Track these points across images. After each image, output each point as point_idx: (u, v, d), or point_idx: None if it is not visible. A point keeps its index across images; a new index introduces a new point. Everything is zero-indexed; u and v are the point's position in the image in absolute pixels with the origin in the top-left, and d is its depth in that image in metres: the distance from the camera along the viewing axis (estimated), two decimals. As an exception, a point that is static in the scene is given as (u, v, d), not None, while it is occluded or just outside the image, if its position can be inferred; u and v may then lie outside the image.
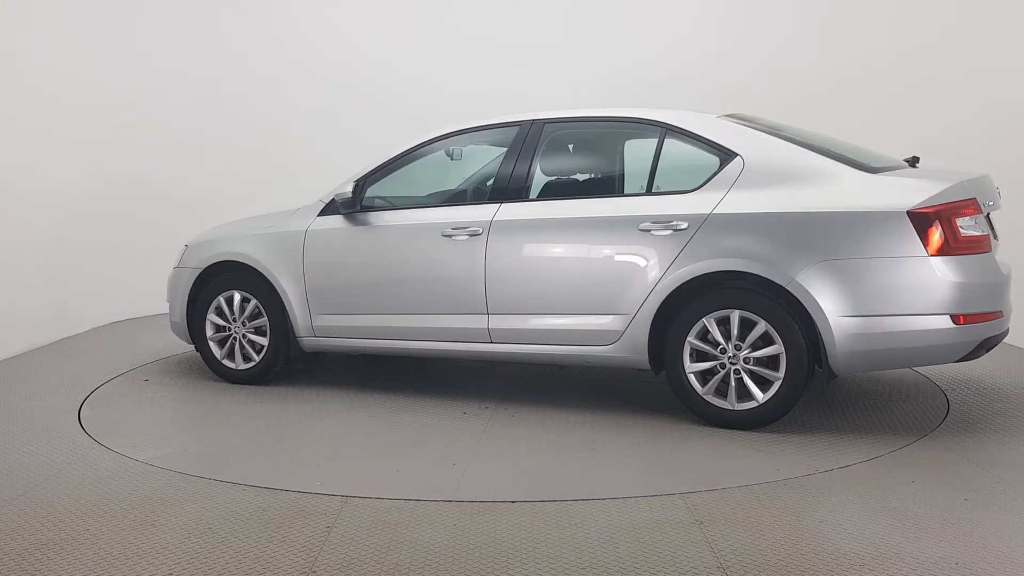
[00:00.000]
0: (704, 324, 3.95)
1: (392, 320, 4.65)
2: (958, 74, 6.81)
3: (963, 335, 3.71)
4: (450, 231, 4.45)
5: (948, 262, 3.66)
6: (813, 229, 3.80)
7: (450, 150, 4.83)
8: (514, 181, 4.44)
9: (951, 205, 3.70)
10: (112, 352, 6.06)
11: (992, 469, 3.43)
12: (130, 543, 2.85)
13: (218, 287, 5.10)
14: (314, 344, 4.91)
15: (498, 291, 4.37)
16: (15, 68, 6.24)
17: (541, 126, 4.52)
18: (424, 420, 4.29)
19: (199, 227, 7.83)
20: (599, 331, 4.17)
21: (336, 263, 4.78)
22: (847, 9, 7.41)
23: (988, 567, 2.59)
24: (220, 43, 7.83)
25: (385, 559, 2.70)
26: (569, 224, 4.27)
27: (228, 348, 5.07)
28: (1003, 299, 3.88)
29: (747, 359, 3.89)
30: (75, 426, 4.27)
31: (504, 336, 4.39)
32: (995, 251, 4.01)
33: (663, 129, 4.24)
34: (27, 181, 6.32)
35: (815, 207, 3.81)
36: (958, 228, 3.70)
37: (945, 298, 3.65)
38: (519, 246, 4.35)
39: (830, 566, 2.60)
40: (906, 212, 3.66)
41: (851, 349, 3.74)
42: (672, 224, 4.01)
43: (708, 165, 4.09)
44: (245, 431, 4.17)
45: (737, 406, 3.93)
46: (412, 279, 4.58)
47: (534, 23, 7.95)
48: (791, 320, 3.80)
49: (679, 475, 3.43)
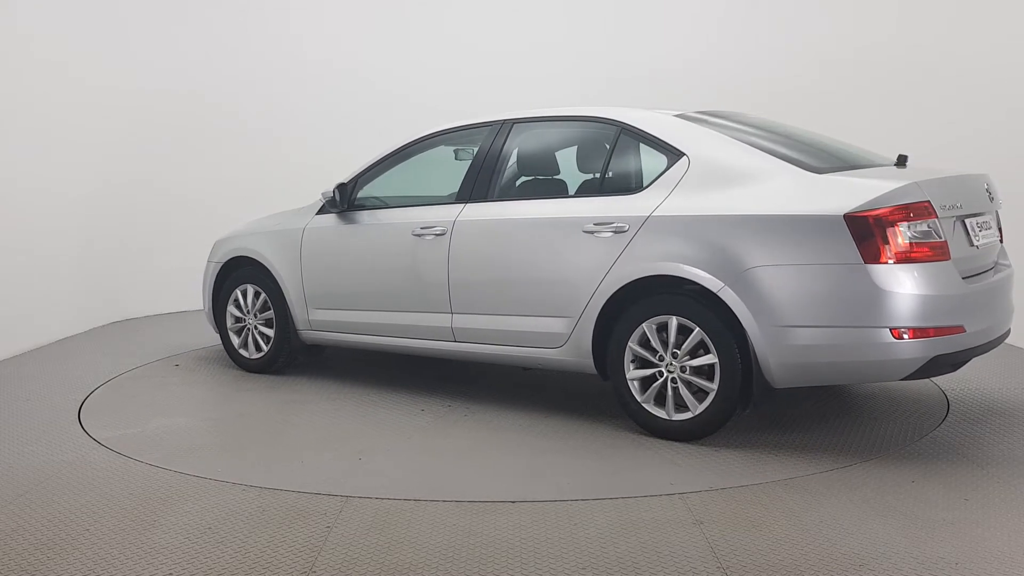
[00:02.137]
0: (644, 330, 3.81)
1: (373, 317, 4.81)
2: (960, 71, 6.81)
3: (906, 351, 3.38)
4: (420, 231, 4.54)
5: (888, 271, 3.34)
6: (745, 233, 3.58)
7: (456, 150, 4.84)
8: (479, 181, 4.48)
9: (896, 209, 3.38)
10: (112, 352, 6.06)
11: (992, 469, 3.43)
12: (130, 543, 2.85)
13: (236, 281, 5.43)
14: (311, 337, 5.13)
15: (460, 291, 4.42)
16: (15, 68, 6.24)
17: (510, 126, 4.52)
18: (381, 415, 4.37)
19: (199, 227, 7.86)
20: (548, 334, 4.13)
21: (326, 260, 4.99)
22: (848, 7, 7.42)
23: (988, 567, 2.59)
24: (221, 44, 7.83)
25: (385, 559, 2.70)
26: (521, 225, 4.26)
27: (243, 338, 5.40)
28: (965, 312, 3.50)
29: (683, 368, 3.72)
30: (75, 426, 4.27)
31: (466, 335, 4.45)
32: (988, 255, 3.83)
33: (618, 128, 4.13)
34: (27, 181, 6.31)
35: (748, 210, 3.59)
36: (900, 234, 3.37)
37: (884, 310, 3.34)
38: (478, 246, 4.38)
39: (830, 566, 2.60)
40: (843, 216, 3.39)
41: (785, 361, 3.51)
42: (613, 226, 3.89)
43: (657, 165, 3.96)
44: (245, 431, 4.17)
45: (674, 416, 3.78)
46: (389, 277, 4.72)
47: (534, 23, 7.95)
48: (724, 329, 3.60)
49: (679, 475, 3.42)
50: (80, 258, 6.97)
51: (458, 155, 4.91)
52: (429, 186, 5.13)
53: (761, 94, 7.25)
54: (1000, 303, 3.84)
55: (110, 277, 7.37)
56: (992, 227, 3.93)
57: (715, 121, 4.15)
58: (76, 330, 6.86)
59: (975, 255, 3.72)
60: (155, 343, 6.34)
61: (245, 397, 4.79)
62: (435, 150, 4.89)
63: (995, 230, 3.98)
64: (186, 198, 7.84)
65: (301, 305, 5.08)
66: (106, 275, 7.31)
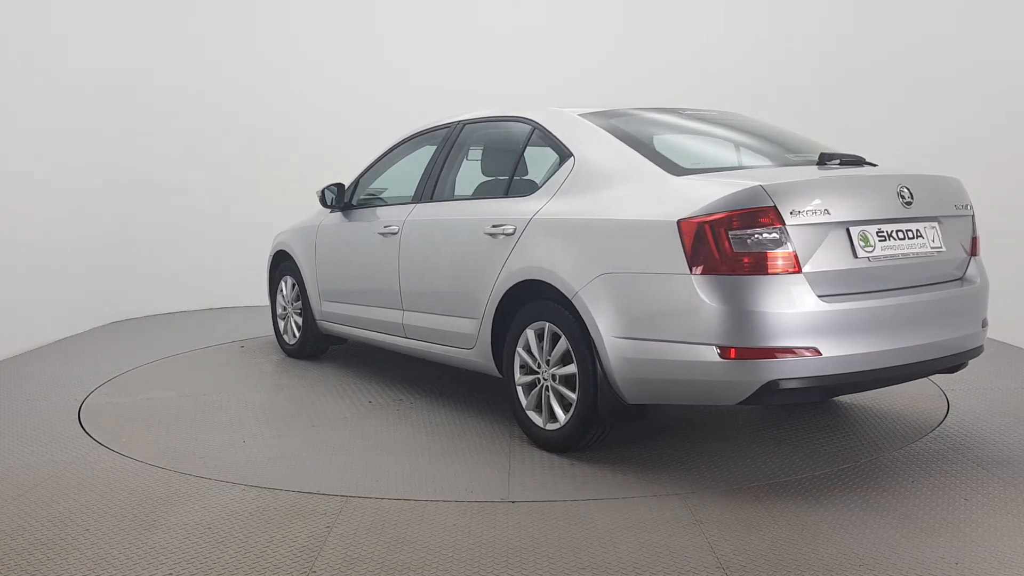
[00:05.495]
0: (527, 335, 3.73)
1: (356, 311, 5.05)
2: (960, 71, 6.81)
3: (734, 373, 3.02)
4: (383, 229, 4.73)
5: (717, 283, 3.02)
6: (598, 239, 3.42)
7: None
8: (428, 182, 4.58)
9: (731, 215, 3.03)
10: (112, 352, 6.06)
11: (992, 469, 3.43)
12: (130, 543, 2.85)
13: (282, 272, 5.89)
14: (324, 327, 5.43)
15: (407, 289, 4.55)
16: (15, 68, 6.24)
17: (461, 127, 4.58)
18: (342, 410, 4.42)
19: (198, 227, 7.89)
20: (463, 334, 4.15)
21: (331, 256, 5.28)
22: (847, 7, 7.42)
23: (988, 567, 2.58)
24: (221, 45, 7.85)
25: (385, 559, 2.70)
26: (443, 225, 4.34)
27: (285, 325, 5.86)
28: (825, 332, 3.04)
29: (554, 376, 3.61)
30: (75, 426, 4.27)
31: (413, 332, 4.55)
32: (907, 267, 3.31)
33: (532, 128, 4.06)
34: (27, 182, 6.32)
35: (602, 214, 3.44)
36: (732, 242, 3.02)
37: (709, 326, 3.02)
38: (419, 246, 4.48)
39: (830, 566, 2.60)
40: (676, 222, 3.12)
41: (626, 375, 3.29)
42: (504, 228, 3.85)
43: (554, 166, 3.87)
44: (245, 430, 4.17)
45: (547, 426, 3.67)
46: (363, 273, 4.95)
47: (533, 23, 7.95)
48: (580, 338, 3.42)
49: (679, 475, 3.43)
50: (80, 258, 6.98)
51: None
52: (412, 186, 5.17)
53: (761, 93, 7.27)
54: (931, 321, 3.34)
55: (110, 277, 7.37)
56: (925, 236, 3.39)
57: (623, 118, 3.95)
58: (76, 330, 6.86)
59: (872, 268, 3.21)
60: (155, 343, 6.34)
61: (247, 397, 4.79)
62: (422, 150, 4.94)
63: (935, 240, 3.42)
64: (186, 198, 7.85)
65: (316, 297, 5.41)
66: (106, 275, 7.31)
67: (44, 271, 6.48)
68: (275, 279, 5.96)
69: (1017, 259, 5.98)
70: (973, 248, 3.66)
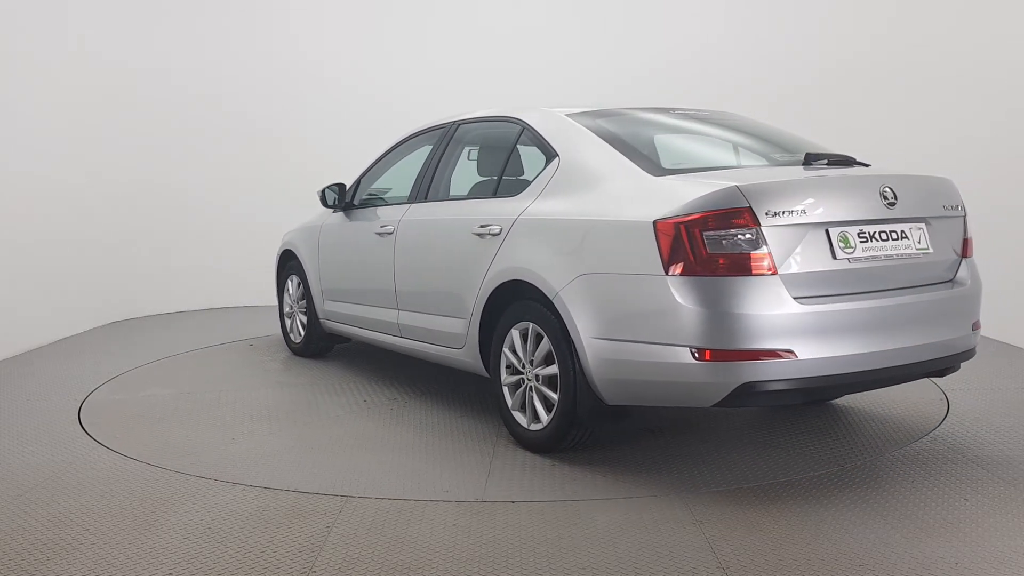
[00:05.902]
0: (512, 335, 3.73)
1: (356, 310, 5.08)
2: (960, 71, 6.82)
3: (707, 375, 3.01)
4: (380, 229, 4.76)
5: (690, 284, 3.01)
6: (576, 239, 3.43)
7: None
8: (423, 182, 4.61)
9: (705, 215, 3.02)
10: (112, 352, 6.06)
11: (992, 469, 3.43)
12: (130, 543, 2.85)
13: (288, 271, 5.95)
14: (327, 326, 5.48)
15: (402, 288, 4.57)
16: (15, 68, 6.24)
17: (455, 128, 4.59)
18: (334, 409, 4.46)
19: (199, 227, 7.89)
20: (452, 334, 4.16)
21: (332, 255, 5.33)
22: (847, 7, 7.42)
23: (988, 567, 2.58)
24: (221, 45, 7.84)
25: (385, 559, 2.70)
26: (437, 225, 4.34)
27: (291, 324, 5.94)
28: (801, 334, 3.01)
29: (537, 377, 3.62)
30: (75, 426, 4.28)
31: (408, 332, 4.57)
32: (891, 270, 3.25)
33: (521, 128, 4.06)
34: (27, 181, 6.32)
35: (583, 215, 3.44)
36: (705, 243, 3.00)
37: (682, 327, 3.02)
38: (412, 246, 4.50)
39: (830, 566, 2.60)
40: (652, 223, 3.12)
41: (605, 376, 3.29)
42: (491, 228, 3.86)
43: (541, 166, 3.87)
44: (245, 430, 4.17)
45: (530, 426, 3.67)
46: (361, 273, 4.98)
47: (533, 24, 7.95)
48: (561, 338, 3.43)
49: (679, 475, 3.43)
50: (80, 258, 6.98)
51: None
52: (409, 186, 5.19)
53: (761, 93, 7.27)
54: (916, 324, 3.28)
55: (110, 277, 7.37)
56: (911, 237, 3.34)
57: (611, 118, 3.93)
58: (76, 330, 6.86)
59: (852, 270, 3.16)
60: (156, 343, 6.34)
61: (248, 396, 4.79)
62: (420, 150, 4.95)
63: (920, 241, 3.37)
64: (186, 198, 7.85)
65: (319, 296, 5.46)
66: (106, 275, 7.31)
67: (44, 271, 6.48)
68: (282, 278, 6.04)
69: (1017, 259, 5.99)
70: (965, 250, 3.60)
